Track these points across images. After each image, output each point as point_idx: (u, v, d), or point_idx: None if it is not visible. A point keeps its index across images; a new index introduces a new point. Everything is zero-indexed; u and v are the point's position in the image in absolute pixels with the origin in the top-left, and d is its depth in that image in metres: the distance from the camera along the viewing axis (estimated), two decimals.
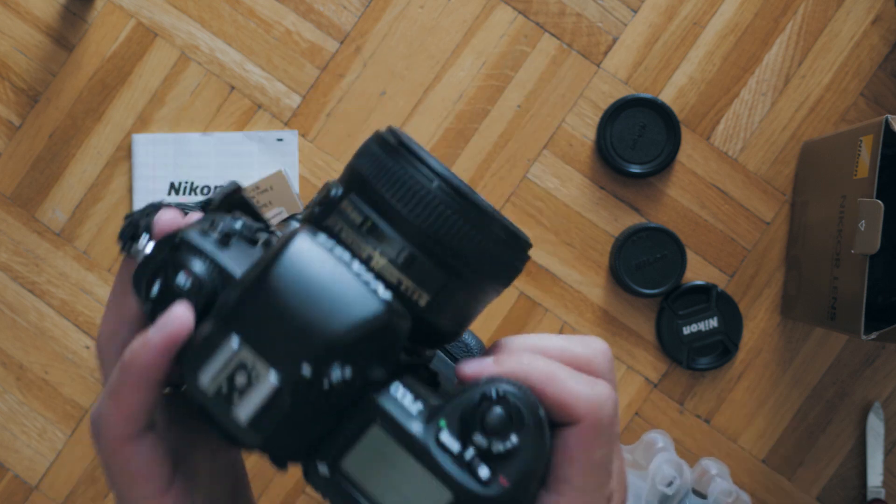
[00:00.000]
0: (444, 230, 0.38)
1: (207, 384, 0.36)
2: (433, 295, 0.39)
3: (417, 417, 0.37)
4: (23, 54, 0.92)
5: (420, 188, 0.38)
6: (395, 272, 0.38)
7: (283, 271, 0.36)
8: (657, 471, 0.84)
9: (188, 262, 0.38)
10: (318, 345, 0.36)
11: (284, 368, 0.35)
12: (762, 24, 0.90)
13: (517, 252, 0.41)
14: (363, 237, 0.39)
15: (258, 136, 0.91)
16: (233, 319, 0.36)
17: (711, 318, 0.89)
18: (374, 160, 0.40)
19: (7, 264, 0.92)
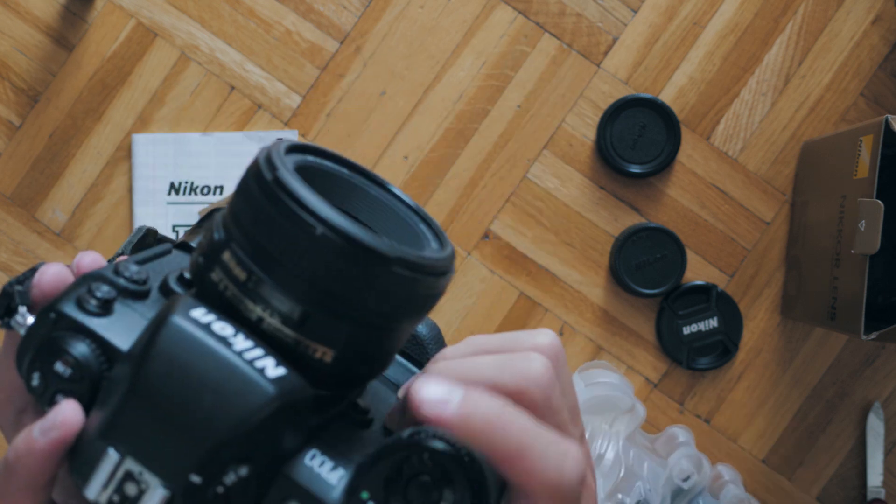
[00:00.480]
0: (338, 282, 0.33)
1: (96, 496, 0.33)
2: (339, 350, 0.34)
3: (337, 486, 0.33)
4: (23, 54, 0.92)
5: (303, 238, 0.33)
6: (290, 333, 0.34)
7: (157, 366, 0.32)
8: (676, 464, 0.84)
9: (66, 346, 0.34)
10: (204, 449, 0.32)
11: (171, 479, 0.32)
12: (762, 24, 0.90)
13: (430, 282, 0.35)
14: (250, 296, 0.34)
15: (258, 136, 0.91)
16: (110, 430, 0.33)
17: (711, 318, 0.89)
18: (252, 202, 0.34)
19: (7, 264, 0.92)
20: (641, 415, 0.86)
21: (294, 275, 0.33)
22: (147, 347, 0.33)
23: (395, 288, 0.34)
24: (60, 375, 0.34)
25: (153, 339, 0.33)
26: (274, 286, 0.34)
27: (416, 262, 0.34)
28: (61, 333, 0.34)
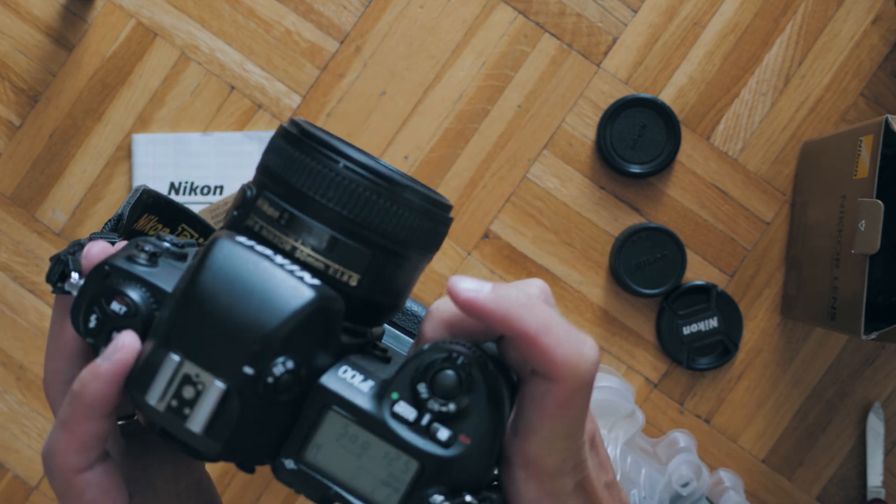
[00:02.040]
0: (359, 209, 0.39)
1: (157, 403, 0.37)
2: (362, 273, 0.39)
3: (369, 394, 0.38)
4: (23, 54, 0.92)
5: (328, 172, 0.39)
6: (321, 258, 0.39)
7: (209, 278, 0.37)
8: (675, 470, 0.84)
9: (121, 289, 0.39)
10: (255, 344, 0.36)
11: (227, 373, 0.36)
12: (762, 24, 0.90)
13: (438, 216, 0.42)
14: (283, 230, 0.39)
15: (258, 136, 0.91)
16: (169, 337, 0.37)
17: (711, 318, 0.89)
18: (281, 154, 0.40)
19: (7, 264, 0.92)
20: (641, 420, 0.86)
21: (322, 205, 0.39)
22: (199, 262, 0.38)
23: (409, 215, 0.40)
24: (116, 313, 0.39)
25: (204, 256, 0.38)
26: (304, 218, 0.39)
27: (423, 192, 0.40)
28: (116, 280, 0.39)
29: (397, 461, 0.37)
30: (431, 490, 0.37)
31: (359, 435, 0.38)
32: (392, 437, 0.37)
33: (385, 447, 0.37)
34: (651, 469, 0.83)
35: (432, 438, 0.37)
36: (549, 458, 0.38)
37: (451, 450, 0.37)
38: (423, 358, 0.38)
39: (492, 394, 0.38)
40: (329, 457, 0.38)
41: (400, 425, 0.37)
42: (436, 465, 0.37)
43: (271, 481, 0.91)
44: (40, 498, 0.91)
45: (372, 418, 0.37)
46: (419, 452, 0.37)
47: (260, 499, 0.91)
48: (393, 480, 0.37)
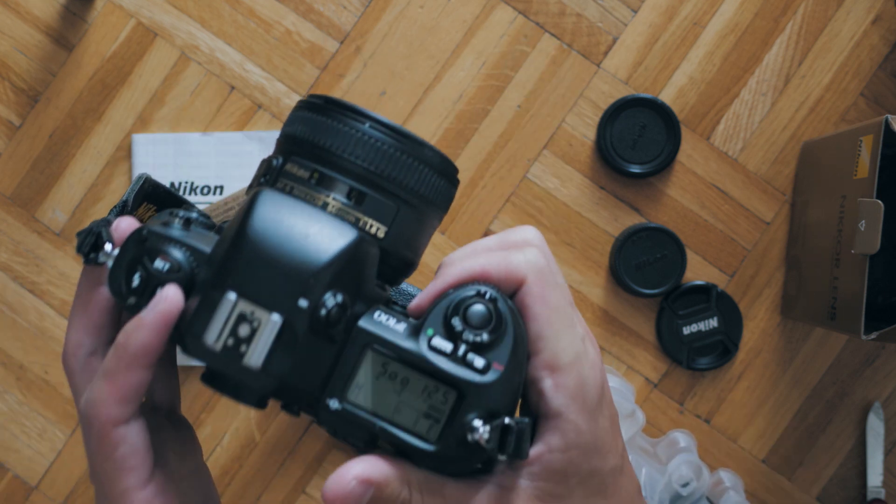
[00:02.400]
0: (385, 164, 0.43)
1: (213, 343, 0.39)
2: (389, 225, 0.43)
3: (405, 333, 0.41)
4: (23, 54, 0.92)
5: (354, 132, 0.43)
6: (352, 212, 0.42)
7: (258, 222, 0.40)
8: (675, 470, 0.84)
9: (163, 248, 0.41)
10: (308, 278, 0.39)
11: (284, 306, 0.39)
12: (762, 24, 0.90)
13: (450, 176, 0.45)
14: (314, 189, 0.42)
15: (258, 136, 0.91)
16: (224, 278, 0.39)
17: (711, 318, 0.89)
18: (307, 122, 0.43)
19: (7, 264, 0.92)
20: (641, 420, 0.87)
21: (350, 163, 0.42)
22: (246, 210, 0.40)
23: (427, 170, 0.43)
24: (160, 270, 0.41)
25: (250, 204, 0.40)
26: (334, 174, 0.42)
27: (440, 152, 0.44)
28: (156, 241, 0.41)
29: (436, 393, 0.40)
30: (471, 416, 0.40)
31: (398, 371, 0.40)
32: (431, 369, 0.40)
33: (424, 380, 0.40)
34: (651, 469, 0.83)
35: (469, 366, 0.40)
36: (562, 354, 0.42)
37: (488, 376, 0.40)
38: (454, 296, 0.41)
39: (516, 325, 0.41)
40: (371, 395, 0.40)
41: (438, 357, 0.40)
42: (474, 391, 0.40)
43: (271, 481, 0.91)
44: (40, 498, 0.91)
45: (410, 353, 0.40)
46: (458, 381, 0.40)
47: (260, 499, 0.91)
48: (433, 412, 0.40)
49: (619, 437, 0.45)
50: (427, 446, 0.40)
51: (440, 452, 0.40)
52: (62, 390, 0.91)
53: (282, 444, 0.91)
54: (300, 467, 0.91)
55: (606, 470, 0.44)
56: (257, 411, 0.91)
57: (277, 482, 0.91)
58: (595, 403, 0.43)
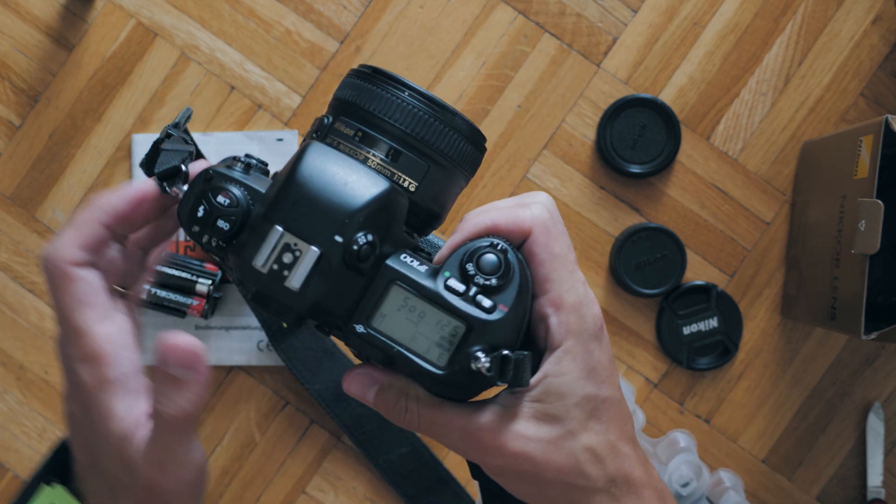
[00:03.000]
0: (419, 128, 0.49)
1: (261, 265, 0.46)
2: (419, 181, 0.50)
3: (426, 273, 0.47)
4: (23, 54, 0.92)
5: (395, 98, 0.49)
6: (388, 167, 0.49)
7: (306, 169, 0.47)
8: (675, 470, 0.84)
9: (225, 186, 0.48)
10: (344, 219, 0.46)
11: (322, 241, 0.46)
12: (762, 24, 0.90)
13: (477, 143, 0.51)
14: (357, 145, 0.49)
15: (258, 136, 0.91)
16: (274, 214, 0.47)
17: (711, 318, 0.89)
18: (355, 87, 0.50)
19: (7, 264, 0.92)
20: (641, 420, 0.86)
21: (390, 124, 0.49)
22: (297, 157, 0.47)
23: (456, 136, 0.50)
24: (222, 205, 0.48)
25: (301, 152, 0.48)
26: (375, 134, 0.49)
27: (470, 121, 0.51)
28: (219, 180, 0.49)
29: (448, 326, 0.47)
30: (476, 348, 0.46)
31: (417, 305, 0.47)
32: (445, 305, 0.47)
33: (438, 315, 0.47)
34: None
35: (477, 305, 0.47)
36: (566, 295, 0.48)
37: (493, 315, 0.47)
38: (471, 245, 0.48)
39: (522, 274, 0.48)
40: (392, 323, 0.47)
41: (451, 295, 0.47)
42: (480, 326, 0.47)
43: (271, 481, 0.91)
44: None
45: (428, 290, 0.47)
46: (467, 316, 0.47)
47: (260, 499, 0.91)
48: (444, 342, 0.47)
49: (615, 374, 0.51)
50: (435, 370, 0.47)
51: (446, 377, 0.47)
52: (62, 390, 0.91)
53: (282, 444, 0.91)
54: (300, 467, 0.91)
55: (601, 397, 0.49)
56: (258, 411, 0.91)
57: (277, 482, 0.91)
58: (593, 337, 0.49)
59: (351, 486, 0.91)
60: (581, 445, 0.49)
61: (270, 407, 0.91)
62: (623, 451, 0.50)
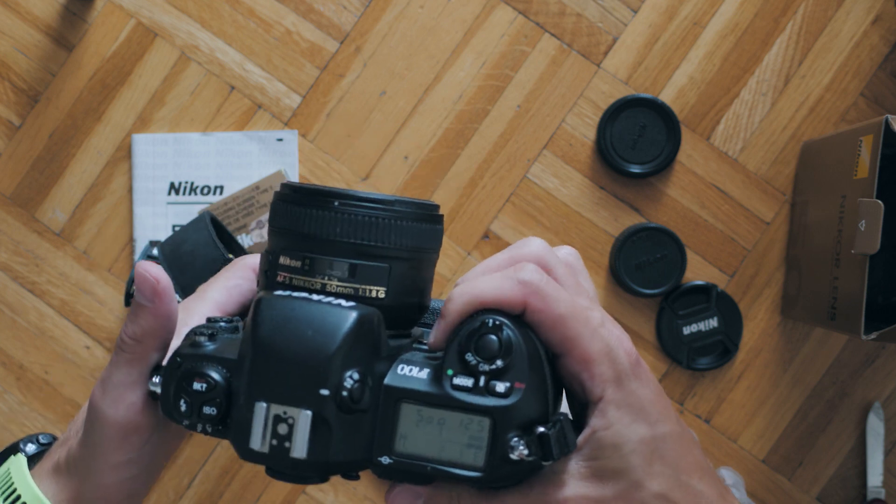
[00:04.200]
0: (365, 233, 0.46)
1: (259, 446, 0.44)
2: (386, 286, 0.46)
3: (429, 380, 0.45)
4: (23, 54, 0.92)
5: (328, 213, 0.46)
6: (348, 285, 0.46)
7: (266, 330, 0.44)
8: None
9: (197, 370, 0.46)
10: (322, 368, 0.43)
11: (310, 400, 0.43)
12: (762, 24, 0.90)
13: (432, 217, 0.48)
14: (309, 274, 0.46)
15: (258, 136, 0.91)
16: (251, 390, 0.44)
17: (711, 318, 0.89)
18: (285, 214, 0.47)
19: (7, 264, 0.92)
20: None
21: (334, 241, 0.46)
22: (252, 323, 0.45)
23: (406, 224, 0.46)
24: (200, 391, 0.46)
25: (255, 316, 0.45)
26: (323, 258, 0.46)
27: (412, 200, 0.47)
28: (189, 365, 0.46)
29: (471, 424, 0.44)
30: (509, 435, 0.44)
31: (433, 415, 0.44)
32: (461, 405, 0.44)
33: (458, 416, 0.44)
34: None
35: (493, 394, 0.44)
36: (590, 348, 0.45)
37: (512, 397, 0.44)
38: (463, 331, 0.45)
39: (527, 342, 0.45)
40: (415, 442, 0.45)
41: (463, 394, 0.44)
42: (504, 414, 0.44)
43: (271, 481, 0.91)
44: None
45: (438, 397, 0.44)
46: (487, 409, 0.44)
47: (260, 499, 0.91)
48: (474, 441, 0.44)
49: (667, 405, 0.47)
50: (475, 473, 0.44)
51: (488, 476, 0.44)
52: (62, 390, 0.91)
53: None
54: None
55: (659, 435, 0.46)
56: None
57: (277, 482, 0.91)
58: (630, 378, 0.46)
59: (351, 486, 0.91)
60: (651, 494, 0.46)
61: None
62: (697, 488, 0.47)
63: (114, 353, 0.50)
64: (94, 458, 0.50)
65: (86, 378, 0.91)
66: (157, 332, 0.49)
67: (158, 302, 0.49)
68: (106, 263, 0.91)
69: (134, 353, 0.49)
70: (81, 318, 0.91)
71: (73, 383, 0.91)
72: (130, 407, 0.49)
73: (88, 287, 0.91)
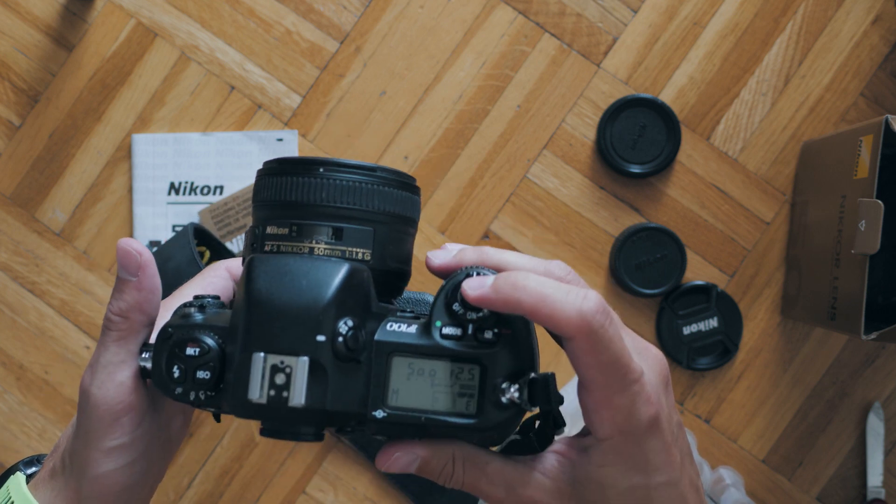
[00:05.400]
0: (349, 197, 0.47)
1: (258, 397, 0.44)
2: (371, 247, 0.48)
3: (418, 332, 0.46)
4: (23, 54, 0.92)
5: (313, 180, 0.47)
6: (336, 247, 0.47)
7: (259, 284, 0.45)
8: None
9: (189, 336, 0.46)
10: (318, 316, 0.44)
11: (306, 347, 0.44)
12: (762, 24, 0.90)
13: (409, 187, 0.50)
14: (297, 239, 0.47)
15: (258, 136, 0.91)
16: (247, 343, 0.45)
17: (711, 318, 0.89)
18: (270, 186, 0.48)
19: (7, 264, 0.92)
20: None
21: (320, 207, 0.47)
22: (246, 279, 0.45)
23: (388, 188, 0.48)
24: (192, 356, 0.46)
25: (248, 272, 0.45)
26: (310, 223, 0.47)
27: (393, 169, 0.49)
28: (181, 333, 0.47)
29: (462, 373, 0.46)
30: (499, 381, 0.45)
31: (424, 366, 0.46)
32: (450, 354, 0.45)
33: (448, 366, 0.46)
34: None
35: (481, 342, 0.45)
36: (616, 397, 0.45)
37: (500, 344, 0.45)
38: (449, 284, 0.46)
39: None
40: (408, 394, 0.46)
41: (452, 342, 0.46)
42: (493, 359, 0.45)
43: (271, 481, 0.91)
44: None
45: (428, 347, 0.46)
46: (475, 356, 0.45)
47: (260, 499, 0.91)
48: (465, 389, 0.46)
49: (675, 456, 0.47)
50: (468, 420, 0.45)
51: (482, 422, 0.45)
52: (62, 390, 0.91)
53: (282, 444, 0.91)
54: (300, 467, 0.91)
55: (653, 484, 0.46)
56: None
57: (277, 482, 0.91)
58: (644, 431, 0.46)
59: (351, 486, 0.91)
60: None
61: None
62: None
63: (101, 336, 0.50)
64: (86, 447, 0.49)
65: None
66: (143, 307, 0.49)
67: (143, 275, 0.49)
68: (106, 263, 0.91)
69: (121, 331, 0.49)
70: (81, 318, 0.91)
71: (73, 383, 0.91)
72: (120, 387, 0.49)
73: (88, 287, 0.91)
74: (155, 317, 0.50)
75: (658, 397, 0.46)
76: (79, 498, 0.50)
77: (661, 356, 0.49)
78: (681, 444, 0.48)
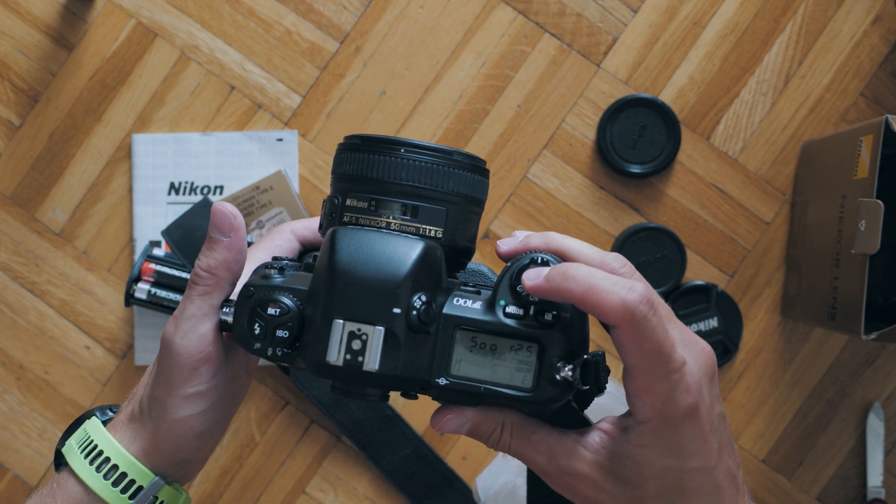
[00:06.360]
0: (426, 178, 0.51)
1: (335, 360, 0.48)
2: (443, 226, 0.51)
3: (483, 309, 0.50)
4: (23, 54, 0.92)
5: (395, 159, 0.51)
6: (411, 224, 0.51)
7: (343, 256, 0.49)
8: None
9: (270, 297, 0.50)
10: (395, 289, 0.48)
11: (383, 318, 0.48)
12: (762, 24, 0.90)
13: (480, 170, 0.53)
14: (375, 213, 0.51)
15: (258, 136, 0.91)
16: (328, 309, 0.48)
17: (711, 318, 0.89)
18: (353, 161, 0.52)
19: (7, 264, 0.92)
20: None
21: (399, 185, 0.51)
22: (329, 249, 0.49)
23: (462, 172, 0.52)
24: (274, 315, 0.50)
25: (332, 243, 0.49)
26: (389, 199, 0.51)
27: (467, 153, 0.52)
28: (262, 293, 0.50)
29: (521, 349, 0.49)
30: (554, 360, 0.49)
31: (486, 341, 0.49)
32: (512, 332, 0.49)
33: (509, 342, 0.49)
34: None
35: (541, 322, 0.49)
36: (657, 384, 0.47)
37: (558, 325, 0.49)
38: (514, 266, 0.50)
39: None
40: (469, 365, 0.49)
41: (513, 321, 0.49)
42: (550, 340, 0.49)
43: (271, 481, 0.91)
44: None
45: (491, 324, 0.49)
46: (535, 336, 0.49)
47: (260, 499, 0.91)
48: (523, 365, 0.49)
49: (713, 443, 0.50)
50: (524, 394, 0.49)
51: (536, 396, 0.49)
52: (62, 390, 0.91)
53: (282, 444, 0.91)
54: (300, 467, 0.91)
55: (687, 468, 0.49)
56: (258, 411, 0.91)
57: (277, 482, 0.91)
58: (683, 417, 0.48)
59: (351, 486, 0.91)
60: None
61: (270, 407, 0.91)
62: None
63: (186, 290, 0.53)
64: (167, 393, 0.52)
65: (86, 378, 0.91)
66: (230, 266, 0.53)
67: (234, 236, 0.53)
68: (106, 263, 0.91)
69: (207, 286, 0.52)
70: (81, 318, 0.91)
71: (73, 383, 0.91)
72: (202, 338, 0.52)
73: (88, 287, 0.91)
74: (239, 276, 0.53)
75: (699, 388, 0.49)
76: (156, 441, 0.53)
77: (709, 350, 0.51)
78: (720, 435, 0.51)
